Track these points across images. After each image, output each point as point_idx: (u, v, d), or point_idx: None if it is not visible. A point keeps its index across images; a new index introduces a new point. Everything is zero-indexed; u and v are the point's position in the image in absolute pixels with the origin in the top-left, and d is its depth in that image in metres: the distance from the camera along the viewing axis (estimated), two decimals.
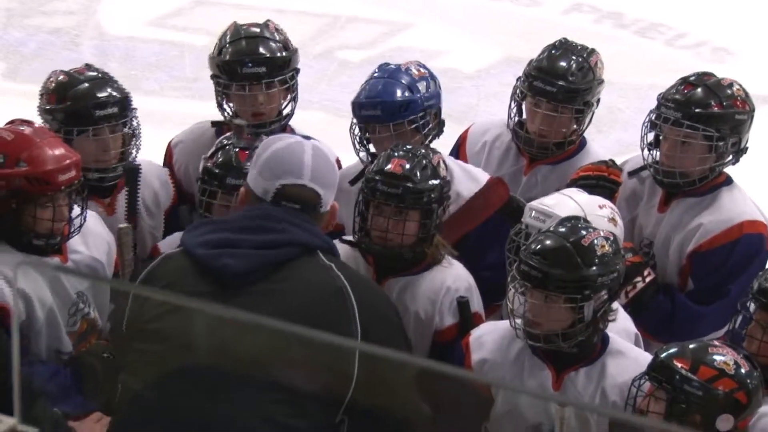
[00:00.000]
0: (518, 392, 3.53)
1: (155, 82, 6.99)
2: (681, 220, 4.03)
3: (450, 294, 3.81)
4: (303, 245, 2.97)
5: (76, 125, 3.94)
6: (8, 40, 7.83)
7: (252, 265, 2.93)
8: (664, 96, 4.01)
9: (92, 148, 3.93)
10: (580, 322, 3.43)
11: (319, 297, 2.93)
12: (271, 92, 4.18)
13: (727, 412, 3.18)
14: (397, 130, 4.03)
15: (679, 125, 3.94)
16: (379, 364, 2.85)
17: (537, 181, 4.27)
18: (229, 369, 2.86)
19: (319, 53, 7.06)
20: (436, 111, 4.13)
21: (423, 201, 3.73)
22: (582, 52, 4.25)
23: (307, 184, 3.04)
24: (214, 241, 2.98)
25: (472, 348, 3.59)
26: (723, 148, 3.96)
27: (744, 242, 3.95)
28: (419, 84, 4.10)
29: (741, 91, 4.01)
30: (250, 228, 3.00)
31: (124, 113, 3.98)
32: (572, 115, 4.21)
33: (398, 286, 3.81)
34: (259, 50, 4.19)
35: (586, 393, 3.47)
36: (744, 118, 3.99)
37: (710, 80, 4.02)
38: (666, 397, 3.20)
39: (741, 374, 3.19)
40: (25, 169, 3.50)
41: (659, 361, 3.22)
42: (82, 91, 3.98)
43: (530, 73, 4.21)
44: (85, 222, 3.64)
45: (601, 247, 3.45)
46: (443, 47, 7.47)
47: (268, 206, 3.03)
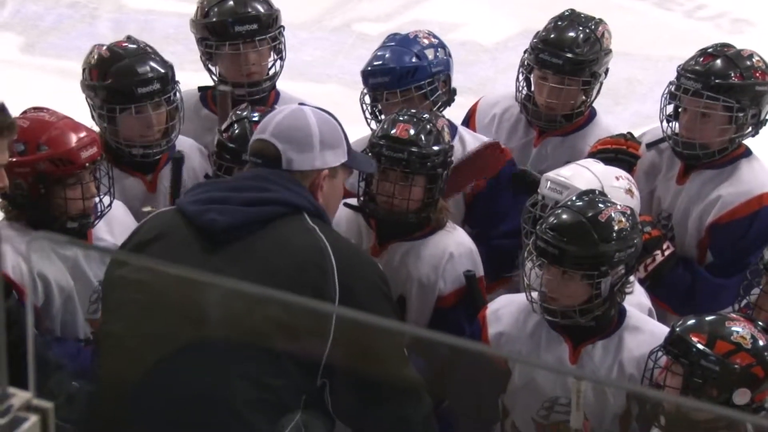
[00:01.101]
0: (535, 366, 3.51)
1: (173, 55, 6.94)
2: (700, 192, 4.02)
3: (453, 260, 3.80)
4: (289, 205, 3.00)
5: (119, 103, 3.91)
6: (26, 14, 7.84)
7: (236, 220, 2.96)
8: (683, 67, 3.99)
9: (136, 125, 3.92)
10: (597, 297, 3.42)
11: (299, 256, 2.95)
12: (261, 50, 4.17)
13: (744, 387, 3.17)
14: (404, 96, 4.04)
15: (699, 96, 3.92)
16: (360, 328, 2.84)
17: (547, 153, 4.26)
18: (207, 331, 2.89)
19: (336, 26, 7.05)
20: (444, 79, 4.12)
21: (428, 166, 3.72)
22: (588, 22, 4.22)
23: (267, 138, 3.08)
24: (204, 199, 3.03)
25: (489, 321, 3.58)
26: (743, 119, 3.95)
27: (764, 214, 3.94)
28: (427, 51, 4.10)
29: (761, 62, 3.99)
30: (240, 187, 3.05)
31: (166, 88, 3.95)
32: (580, 87, 4.18)
33: (401, 251, 3.80)
34: (247, 9, 4.18)
35: (603, 366, 3.46)
36: (764, 90, 3.97)
37: (730, 51, 4.00)
38: (682, 372, 3.19)
39: (758, 348, 3.18)
40: (47, 152, 3.49)
41: (676, 335, 3.21)
42: (123, 68, 3.93)
43: (536, 46, 4.18)
44: (111, 208, 3.65)
45: (618, 222, 3.43)
46: (461, 20, 7.46)
47: (260, 169, 3.08)
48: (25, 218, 3.55)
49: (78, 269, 3.60)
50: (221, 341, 2.87)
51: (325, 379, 2.91)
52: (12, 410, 2.12)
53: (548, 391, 3.48)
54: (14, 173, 3.28)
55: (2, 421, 2.11)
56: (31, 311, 2.42)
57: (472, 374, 3.56)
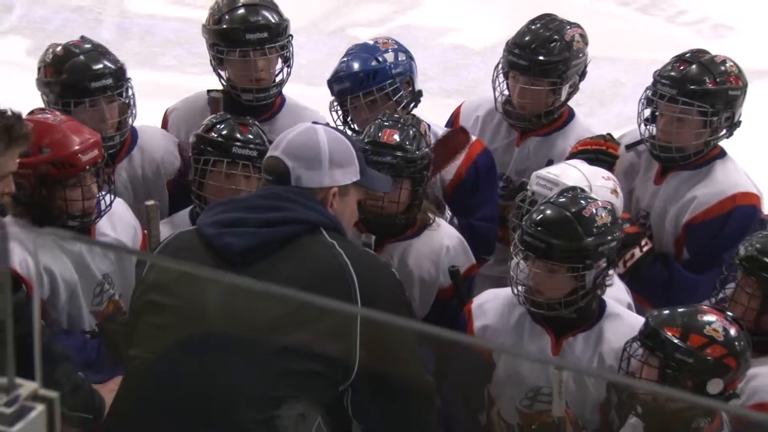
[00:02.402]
0: (518, 357, 3.53)
1: (174, 59, 7.00)
2: (676, 192, 4.03)
3: (450, 253, 3.84)
4: (305, 223, 2.96)
5: (73, 97, 3.93)
6: (33, 18, 7.83)
7: (253, 243, 2.92)
8: (659, 73, 4.00)
9: (90, 119, 3.89)
10: (581, 289, 3.44)
11: (320, 275, 2.92)
12: (270, 58, 4.17)
13: (717, 377, 3.19)
14: (368, 99, 4.05)
15: (674, 102, 3.94)
16: (382, 340, 2.85)
17: (529, 153, 4.27)
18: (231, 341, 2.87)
19: (331, 31, 7.05)
20: (407, 80, 4.13)
21: (414, 169, 3.74)
22: (559, 26, 4.21)
23: (278, 155, 3.05)
24: (222, 221, 2.98)
25: (474, 315, 3.60)
26: (717, 122, 3.96)
27: (737, 213, 3.95)
28: (386, 55, 4.11)
29: (734, 68, 4.00)
30: (255, 207, 3.00)
31: (119, 83, 3.98)
32: (547, 88, 4.17)
33: (398, 251, 3.83)
34: (258, 18, 4.17)
35: (584, 357, 3.48)
36: (737, 94, 3.98)
37: (704, 57, 4.01)
38: (658, 364, 3.20)
39: (730, 339, 3.20)
40: (48, 154, 3.50)
41: (650, 329, 3.23)
42: (77, 64, 3.96)
43: (508, 48, 4.19)
44: (113, 205, 3.65)
45: (600, 217, 3.45)
46: (451, 24, 7.45)
47: (275, 186, 3.04)
48: (29, 215, 3.55)
49: (82, 264, 3.61)
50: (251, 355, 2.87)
51: (348, 387, 2.91)
52: (19, 400, 2.13)
53: (531, 381, 3.50)
54: (17, 174, 3.27)
55: (10, 410, 2.12)
56: (37, 304, 2.43)
57: (460, 366, 3.59)
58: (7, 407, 2.09)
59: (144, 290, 3.02)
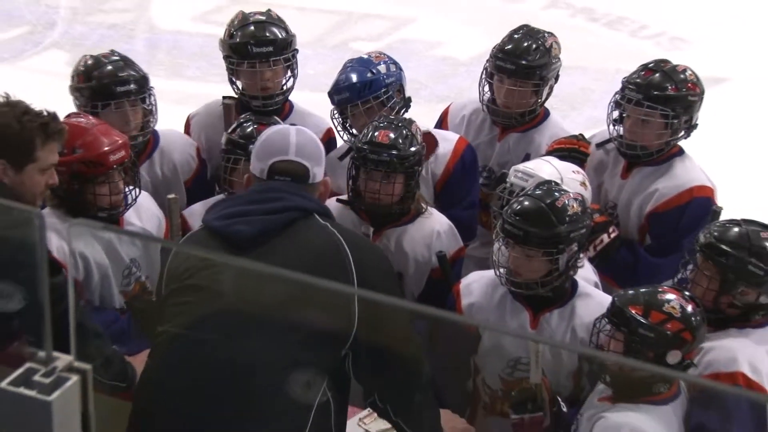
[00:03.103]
0: (500, 332, 3.51)
1: (198, 70, 6.98)
2: (641, 186, 4.01)
3: (441, 237, 3.83)
4: (301, 209, 2.95)
5: (100, 100, 3.91)
6: (73, 34, 7.83)
7: (259, 229, 2.91)
8: (627, 80, 3.98)
9: (115, 121, 3.88)
10: (555, 271, 3.41)
11: (319, 252, 2.92)
12: (276, 69, 4.15)
13: (675, 349, 3.16)
14: (365, 106, 4.03)
15: (640, 105, 3.92)
16: (376, 306, 2.85)
17: (509, 147, 4.25)
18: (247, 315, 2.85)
19: (335, 44, 7.05)
20: (398, 87, 4.11)
21: (407, 165, 3.72)
22: (538, 35, 4.20)
23: (294, 158, 3.02)
24: (227, 214, 2.97)
25: (462, 294, 3.58)
26: (677, 125, 3.93)
27: (694, 204, 3.93)
28: (379, 66, 4.10)
29: (693, 76, 3.98)
30: (257, 200, 2.99)
31: (142, 90, 3.96)
32: (531, 89, 4.16)
33: (395, 235, 3.81)
34: (265, 33, 4.15)
35: (558, 331, 3.45)
36: (695, 100, 3.96)
37: (667, 66, 3.98)
38: (623, 338, 3.18)
39: (686, 315, 3.17)
40: (80, 154, 3.49)
41: (616, 307, 3.20)
42: (105, 71, 3.95)
43: (495, 54, 4.18)
44: (139, 198, 3.64)
45: (572, 207, 3.43)
46: (442, 38, 7.45)
47: (269, 182, 3.02)
48: (64, 207, 3.54)
49: (112, 249, 3.59)
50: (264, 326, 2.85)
51: (349, 351, 2.89)
52: (56, 371, 2.11)
53: (512, 352, 3.47)
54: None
55: (48, 380, 2.10)
56: (72, 285, 2.41)
57: (449, 339, 3.57)
58: (45, 378, 2.07)
59: (168, 276, 3.00)
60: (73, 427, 2.10)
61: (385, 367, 2.93)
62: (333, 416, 2.91)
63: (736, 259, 3.34)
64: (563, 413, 3.34)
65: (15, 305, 2.85)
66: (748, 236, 3.37)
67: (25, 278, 2.69)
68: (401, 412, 3.03)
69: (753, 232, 3.38)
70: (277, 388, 2.82)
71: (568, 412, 3.35)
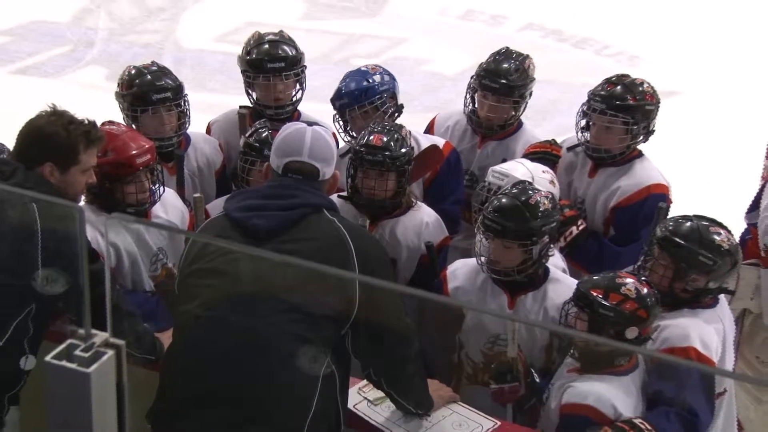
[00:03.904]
0: (482, 312, 3.50)
1: (219, 83, 6.97)
2: (605, 184, 3.99)
3: (429, 227, 3.81)
4: (312, 205, 2.92)
5: (140, 105, 3.90)
6: (110, 52, 7.82)
7: (275, 223, 2.88)
8: (592, 92, 3.97)
9: (152, 124, 3.89)
10: (529, 260, 3.40)
11: (326, 244, 2.88)
12: (287, 82, 4.14)
13: (633, 325, 3.15)
14: (362, 110, 4.02)
15: (604, 114, 3.90)
16: (373, 290, 2.83)
17: (488, 153, 4.23)
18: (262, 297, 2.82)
19: (338, 61, 7.03)
20: (391, 95, 4.09)
21: (398, 165, 3.71)
22: (518, 57, 4.18)
23: (306, 160, 2.98)
24: (246, 206, 2.93)
25: (448, 279, 3.57)
26: (636, 130, 3.92)
27: (651, 200, 3.90)
28: (374, 76, 4.08)
29: (650, 88, 3.97)
30: (273, 195, 2.95)
31: (176, 97, 3.94)
32: (511, 105, 4.16)
33: (389, 226, 3.79)
34: (278, 51, 4.14)
35: (533, 311, 3.44)
36: (652, 108, 3.94)
37: (627, 80, 3.97)
38: (587, 318, 3.17)
39: (641, 297, 3.17)
40: (111, 157, 3.47)
41: (581, 292, 3.20)
42: (144, 80, 3.94)
43: (480, 74, 4.16)
44: (164, 194, 3.63)
45: (543, 204, 3.42)
46: (430, 56, 7.44)
47: (284, 179, 2.98)
48: (98, 203, 3.52)
49: (141, 239, 3.57)
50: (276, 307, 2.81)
51: (349, 330, 2.86)
52: (94, 346, 2.09)
53: (492, 329, 3.45)
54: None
55: (87, 354, 2.08)
56: (107, 271, 2.39)
57: (437, 318, 3.55)
58: (84, 352, 2.06)
59: (189, 261, 2.97)
60: (109, 396, 2.09)
61: (379, 345, 2.91)
62: (338, 385, 2.89)
63: (688, 251, 3.33)
64: (537, 383, 3.33)
65: (59, 288, 2.84)
66: (699, 230, 3.36)
67: (67, 265, 2.67)
68: (393, 384, 3.01)
69: (703, 226, 3.37)
70: (287, 361, 2.79)
71: (540, 382, 3.34)
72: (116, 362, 2.12)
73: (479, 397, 3.36)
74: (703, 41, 7.55)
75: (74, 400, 2.11)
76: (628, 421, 3.03)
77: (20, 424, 3.25)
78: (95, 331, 2.15)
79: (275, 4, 8.31)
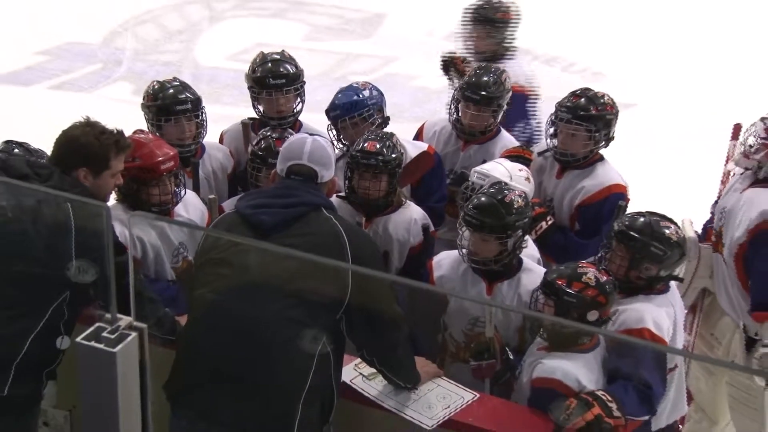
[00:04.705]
0: (463, 298, 3.50)
1: (231, 97, 6.95)
2: (571, 184, 3.98)
3: (417, 223, 3.80)
4: (312, 204, 2.92)
5: (163, 116, 3.90)
6: (135, 70, 7.79)
7: (279, 219, 2.88)
8: (559, 104, 3.97)
9: (174, 131, 3.89)
10: (505, 252, 3.40)
11: (323, 238, 2.88)
12: (288, 96, 4.12)
13: (593, 309, 3.15)
14: (351, 121, 4.01)
15: (569, 123, 3.91)
16: (364, 279, 2.83)
17: (470, 156, 4.22)
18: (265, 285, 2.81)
19: (337, 77, 7.01)
20: (379, 108, 4.08)
21: (389, 168, 3.71)
22: (496, 72, 4.19)
23: (306, 163, 2.99)
24: (254, 204, 2.94)
25: (434, 268, 3.56)
26: (598, 137, 3.92)
27: (611, 198, 3.91)
28: (364, 92, 4.08)
29: (610, 100, 3.97)
30: (277, 195, 2.96)
31: (195, 109, 3.94)
32: (490, 113, 4.16)
33: (382, 222, 3.78)
34: (280, 69, 4.12)
35: (508, 297, 3.44)
36: (612, 118, 3.95)
37: (590, 93, 3.98)
38: (553, 304, 3.17)
39: (600, 284, 3.16)
40: (138, 163, 3.47)
41: (547, 281, 3.20)
42: (167, 93, 3.94)
43: (463, 87, 4.17)
44: (186, 195, 3.63)
45: (517, 202, 3.41)
46: (419, 73, 7.43)
47: (288, 181, 2.99)
48: (126, 203, 3.52)
49: (164, 234, 3.56)
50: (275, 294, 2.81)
51: (343, 315, 2.85)
52: (119, 329, 2.10)
53: (472, 313, 3.45)
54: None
55: (113, 336, 2.09)
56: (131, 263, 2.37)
57: (424, 303, 3.54)
58: (111, 334, 2.06)
59: (204, 252, 2.98)
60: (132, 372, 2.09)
61: (370, 328, 2.90)
62: (332, 364, 2.88)
63: (642, 243, 3.33)
64: (510, 360, 3.33)
65: (90, 278, 2.83)
66: (651, 225, 3.36)
67: (97, 257, 2.67)
68: (384, 363, 3.01)
69: (655, 222, 3.37)
70: (287, 342, 2.79)
71: (514, 359, 3.33)
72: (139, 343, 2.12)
73: (461, 373, 3.35)
74: (657, 61, 7.58)
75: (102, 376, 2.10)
76: (591, 393, 3.03)
77: (57, 396, 3.25)
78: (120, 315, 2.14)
79: (281, 27, 8.30)
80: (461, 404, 3.08)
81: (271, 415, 2.80)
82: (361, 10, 8.44)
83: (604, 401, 2.98)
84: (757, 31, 7.92)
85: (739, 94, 6.73)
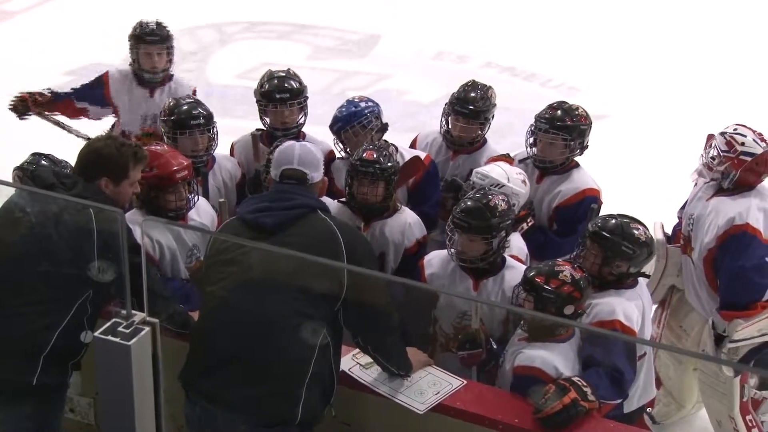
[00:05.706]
0: (451, 294, 3.48)
1: (241, 111, 6.90)
2: (549, 189, 3.97)
3: (411, 227, 3.78)
4: (309, 206, 2.91)
5: (178, 129, 3.90)
6: None
7: (278, 221, 2.87)
8: (538, 115, 3.97)
9: (188, 143, 3.89)
10: (490, 251, 3.39)
11: (320, 238, 2.87)
12: (292, 109, 4.12)
13: (569, 304, 3.14)
14: (352, 129, 4.01)
15: (547, 133, 3.90)
16: (359, 275, 2.82)
17: (459, 164, 4.21)
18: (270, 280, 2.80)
19: (335, 93, 6.98)
20: (375, 115, 4.08)
21: (386, 175, 3.69)
22: (482, 88, 4.18)
23: (296, 167, 2.98)
24: (255, 209, 2.93)
25: (425, 266, 3.54)
26: (574, 146, 3.92)
27: (586, 201, 3.90)
28: (360, 103, 4.08)
29: (584, 112, 3.97)
30: (275, 199, 2.94)
31: (208, 123, 3.94)
32: (477, 126, 4.14)
33: (379, 226, 3.76)
34: (285, 85, 4.12)
35: (493, 292, 3.42)
36: (586, 128, 3.95)
37: (565, 105, 3.97)
38: (533, 300, 3.16)
39: (576, 280, 3.15)
40: (156, 172, 3.46)
41: (527, 279, 3.19)
42: (182, 109, 3.95)
43: (453, 101, 4.16)
44: (198, 202, 3.63)
45: (501, 206, 3.40)
46: (410, 88, 7.42)
47: (284, 186, 2.98)
48: (144, 208, 3.52)
49: (179, 237, 3.54)
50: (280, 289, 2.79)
51: (340, 307, 2.84)
52: (134, 324, 2.08)
53: (460, 307, 3.43)
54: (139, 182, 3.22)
55: (128, 330, 2.07)
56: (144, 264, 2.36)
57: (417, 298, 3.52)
58: (126, 329, 2.05)
59: (213, 253, 2.98)
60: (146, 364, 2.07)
61: (364, 318, 2.89)
62: (332, 353, 2.88)
63: (613, 242, 3.32)
64: (494, 350, 3.31)
65: (110, 277, 2.83)
66: (622, 226, 3.36)
67: (116, 258, 2.66)
68: (377, 349, 3.00)
69: (625, 223, 3.37)
70: (290, 332, 2.78)
71: (497, 348, 3.32)
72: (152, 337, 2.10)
73: (450, 362, 3.33)
74: (627, 76, 7.58)
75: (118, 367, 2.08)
76: (568, 379, 3.02)
77: (81, 384, 3.24)
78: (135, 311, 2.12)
79: (286, 48, 8.28)
80: (450, 390, 3.07)
81: (278, 397, 2.79)
82: (358, 32, 8.42)
83: (580, 386, 2.97)
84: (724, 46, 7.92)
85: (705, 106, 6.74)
